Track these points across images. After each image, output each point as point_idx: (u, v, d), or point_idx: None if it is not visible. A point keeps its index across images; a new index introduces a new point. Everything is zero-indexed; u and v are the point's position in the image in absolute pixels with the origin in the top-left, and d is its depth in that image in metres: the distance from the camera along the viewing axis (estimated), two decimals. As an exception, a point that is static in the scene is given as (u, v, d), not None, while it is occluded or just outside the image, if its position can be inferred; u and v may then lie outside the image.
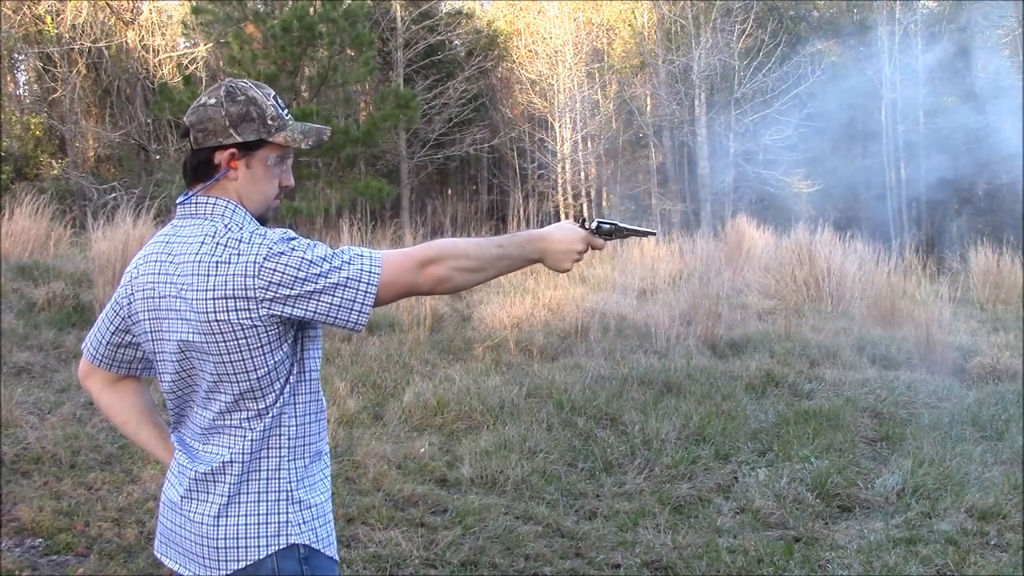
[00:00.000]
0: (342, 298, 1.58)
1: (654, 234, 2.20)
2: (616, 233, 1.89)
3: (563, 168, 22.34)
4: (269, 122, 1.68)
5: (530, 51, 23.06)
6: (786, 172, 21.41)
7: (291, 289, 1.56)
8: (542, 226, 1.87)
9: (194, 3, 12.43)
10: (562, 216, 21.16)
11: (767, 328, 8.33)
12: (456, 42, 22.10)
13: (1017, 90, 17.96)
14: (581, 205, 22.37)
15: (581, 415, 5.43)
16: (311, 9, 11.38)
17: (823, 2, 26.19)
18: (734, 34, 21.07)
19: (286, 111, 1.73)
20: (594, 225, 1.86)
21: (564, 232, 1.80)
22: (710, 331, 7.62)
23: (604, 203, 22.74)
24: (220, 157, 1.67)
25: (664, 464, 4.76)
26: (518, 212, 14.03)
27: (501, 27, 24.80)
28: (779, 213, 19.99)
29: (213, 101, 1.66)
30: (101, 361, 1.79)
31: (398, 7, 19.62)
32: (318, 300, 1.57)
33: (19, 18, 16.21)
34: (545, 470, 4.61)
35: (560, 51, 22.25)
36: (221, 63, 15.08)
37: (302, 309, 1.58)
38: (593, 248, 1.84)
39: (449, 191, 24.63)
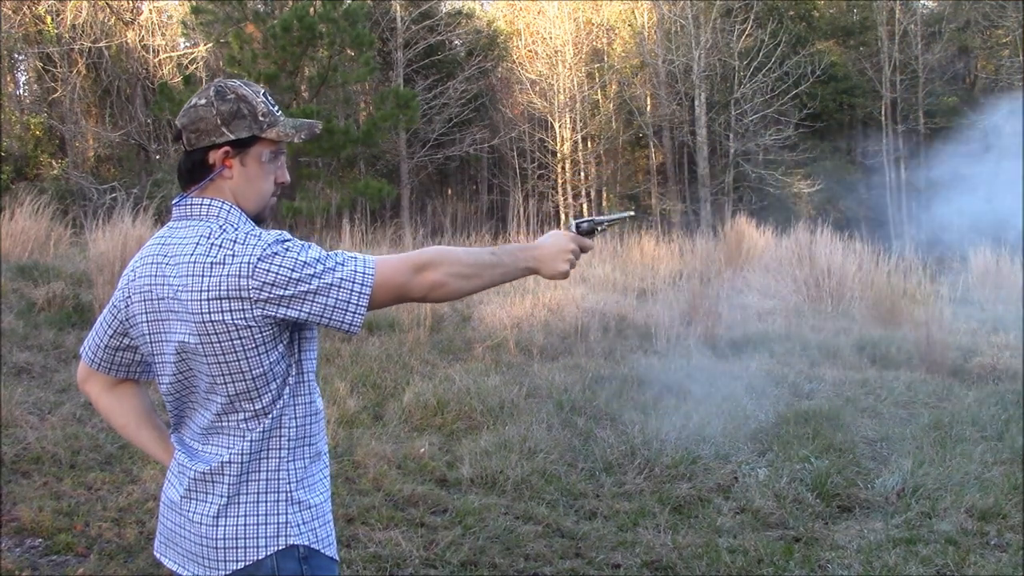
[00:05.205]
0: (336, 299, 1.58)
1: (631, 215, 2.21)
2: (596, 227, 1.92)
3: (563, 168, 22.33)
4: (261, 118, 1.68)
5: (530, 51, 23.07)
6: (786, 172, 21.41)
7: (285, 290, 1.56)
8: (542, 226, 1.88)
9: (194, 3, 12.43)
10: (562, 216, 21.18)
11: (767, 328, 8.33)
12: (456, 42, 22.13)
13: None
14: (581, 205, 22.37)
15: (581, 415, 5.43)
16: (311, 9, 11.37)
17: (823, 1, 26.19)
18: (734, 34, 21.08)
19: (276, 107, 1.74)
20: (572, 226, 1.90)
21: (553, 238, 1.82)
22: (710, 331, 7.62)
23: (604, 203, 22.74)
24: (214, 156, 1.67)
25: (664, 464, 4.75)
26: (518, 212, 14.02)
27: (501, 27, 24.82)
28: (779, 213, 19.99)
29: (203, 101, 1.67)
30: (99, 365, 1.79)
31: (398, 7, 19.62)
32: (312, 301, 1.57)
33: (19, 18, 16.21)
34: (545, 470, 4.61)
35: (560, 51, 22.25)
36: (221, 63, 15.08)
37: (296, 310, 1.58)
38: (583, 249, 1.85)
39: (449, 191, 24.65)
